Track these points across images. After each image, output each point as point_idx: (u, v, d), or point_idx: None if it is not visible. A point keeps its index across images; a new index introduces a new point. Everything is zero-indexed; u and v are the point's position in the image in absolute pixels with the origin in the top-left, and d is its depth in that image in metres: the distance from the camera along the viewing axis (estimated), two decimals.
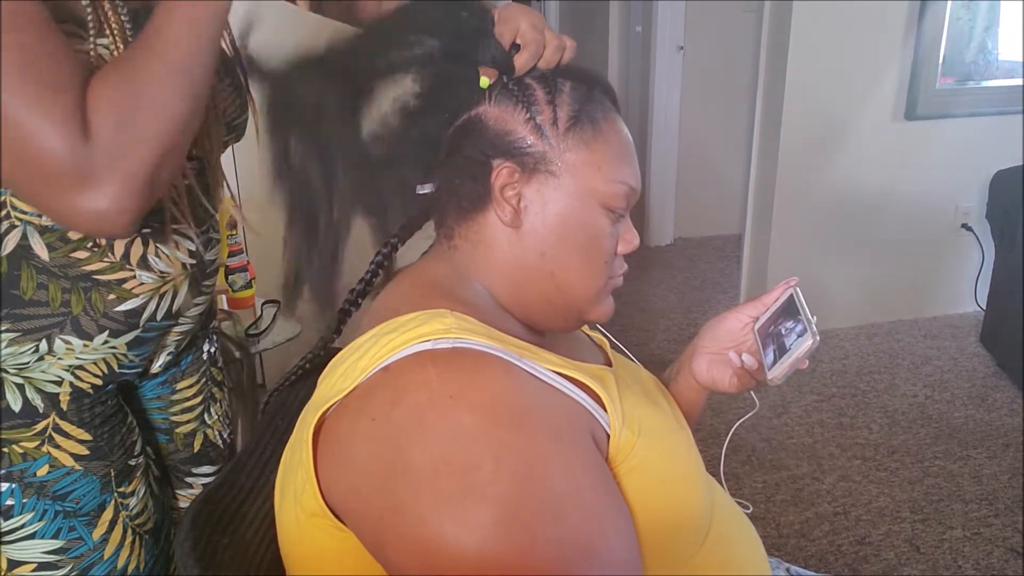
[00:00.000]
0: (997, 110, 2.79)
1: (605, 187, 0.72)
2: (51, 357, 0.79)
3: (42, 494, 0.81)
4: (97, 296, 0.79)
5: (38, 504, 0.81)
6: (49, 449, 0.81)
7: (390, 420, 0.59)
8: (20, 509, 0.80)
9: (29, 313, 0.77)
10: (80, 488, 0.83)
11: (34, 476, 0.80)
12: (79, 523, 0.83)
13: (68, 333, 0.79)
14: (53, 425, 0.81)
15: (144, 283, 0.82)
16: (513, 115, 0.72)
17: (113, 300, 0.80)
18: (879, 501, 2.03)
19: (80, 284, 0.78)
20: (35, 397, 0.80)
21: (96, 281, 0.79)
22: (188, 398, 1.00)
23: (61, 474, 0.82)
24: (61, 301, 0.78)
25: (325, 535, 0.63)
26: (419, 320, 0.65)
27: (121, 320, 0.82)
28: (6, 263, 0.75)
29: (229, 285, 1.77)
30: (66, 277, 0.78)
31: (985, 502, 2.01)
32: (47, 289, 0.77)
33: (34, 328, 0.78)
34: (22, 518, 0.80)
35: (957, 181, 2.88)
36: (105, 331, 0.81)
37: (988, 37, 2.72)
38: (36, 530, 0.81)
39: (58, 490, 0.82)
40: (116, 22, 0.73)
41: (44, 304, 0.77)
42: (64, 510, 0.82)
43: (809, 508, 2.01)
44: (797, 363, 0.76)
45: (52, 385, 0.81)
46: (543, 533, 0.55)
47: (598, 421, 0.65)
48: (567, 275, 0.73)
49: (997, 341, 2.69)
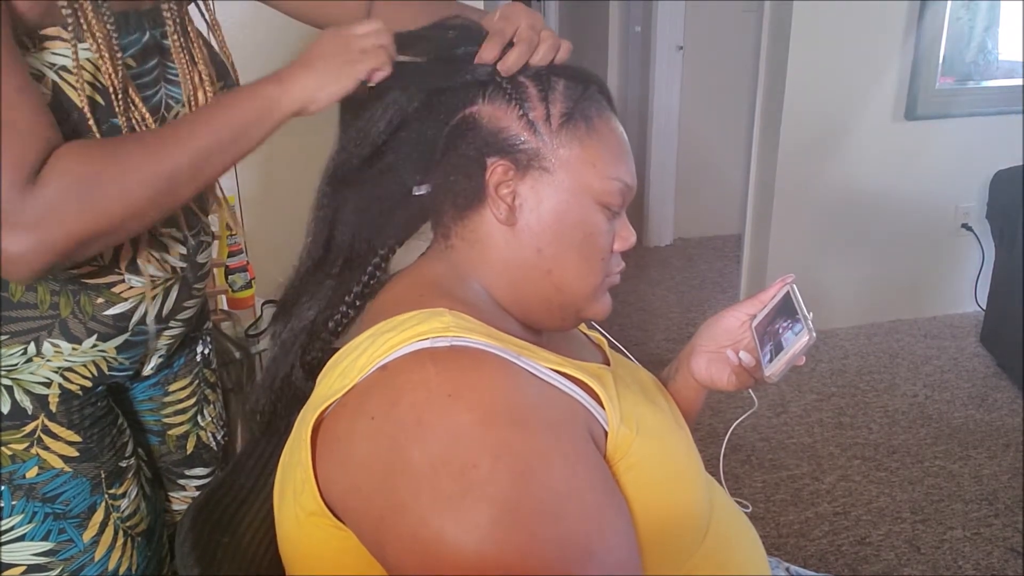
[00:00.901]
0: (997, 110, 2.78)
1: (600, 184, 0.72)
2: (39, 359, 0.79)
3: (32, 496, 0.81)
4: (86, 300, 0.79)
5: (28, 506, 0.80)
6: (38, 451, 0.80)
7: (389, 419, 0.59)
8: (10, 511, 0.80)
9: (17, 315, 0.77)
10: (70, 490, 0.83)
11: (23, 478, 0.80)
12: (69, 525, 0.83)
13: (56, 336, 0.79)
14: (42, 427, 0.81)
15: (133, 287, 0.81)
16: (506, 112, 0.72)
17: (102, 304, 0.80)
18: (879, 501, 2.03)
19: (68, 287, 0.78)
20: (24, 399, 0.79)
21: (84, 285, 0.79)
22: (181, 400, 0.99)
23: (50, 476, 0.81)
24: (50, 304, 0.78)
25: (324, 534, 0.63)
26: (417, 319, 0.65)
27: (110, 324, 0.81)
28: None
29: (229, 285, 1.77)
30: (55, 280, 0.77)
31: (985, 502, 2.01)
32: (36, 291, 0.77)
33: (22, 330, 0.77)
34: (11, 520, 0.80)
35: (957, 181, 2.88)
36: (94, 335, 0.81)
37: (988, 37, 2.72)
38: (26, 532, 0.81)
39: (48, 492, 0.81)
40: (100, 29, 0.72)
41: (32, 306, 0.77)
42: (54, 512, 0.82)
43: (809, 508, 2.01)
44: (794, 359, 0.76)
45: (41, 387, 0.80)
46: (542, 532, 0.55)
47: (596, 419, 0.65)
48: (564, 272, 0.73)
49: (997, 341, 2.69)
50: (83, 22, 0.71)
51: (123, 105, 0.75)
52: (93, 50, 0.72)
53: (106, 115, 0.74)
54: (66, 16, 0.70)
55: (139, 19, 0.78)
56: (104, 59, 0.72)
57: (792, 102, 2.70)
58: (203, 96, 0.85)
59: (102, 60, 0.72)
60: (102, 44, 0.72)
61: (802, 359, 0.77)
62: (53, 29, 0.70)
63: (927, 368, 2.69)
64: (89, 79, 0.72)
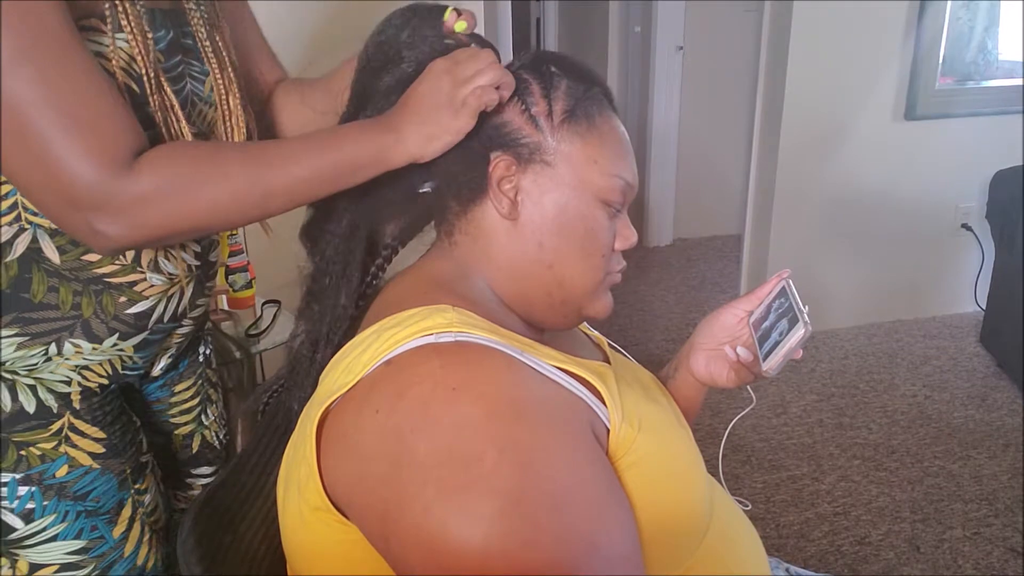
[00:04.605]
0: (997, 110, 2.79)
1: (601, 180, 0.73)
2: (59, 358, 0.79)
3: (63, 495, 0.81)
4: (108, 299, 0.79)
5: (59, 506, 0.80)
6: (67, 449, 0.81)
7: (395, 412, 0.59)
8: (41, 512, 0.80)
9: (39, 317, 0.77)
10: (100, 487, 0.83)
11: (53, 478, 0.80)
12: (100, 522, 0.83)
13: (78, 336, 0.79)
14: (68, 425, 0.81)
15: (154, 285, 0.82)
16: (509, 107, 0.73)
17: (124, 303, 0.80)
18: (879, 501, 2.03)
19: (92, 287, 0.78)
20: (48, 397, 0.80)
21: (108, 284, 0.79)
22: (186, 400, 1.00)
23: (80, 473, 0.81)
24: (72, 304, 0.78)
25: (329, 529, 0.64)
26: (421, 315, 0.65)
27: (131, 322, 0.82)
28: (16, 266, 0.75)
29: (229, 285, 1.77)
30: (77, 280, 0.77)
31: (985, 502, 2.01)
32: (58, 292, 0.77)
33: (43, 332, 0.77)
34: (43, 520, 0.80)
35: (957, 181, 2.88)
36: (115, 334, 0.81)
37: (988, 37, 2.72)
38: (58, 532, 0.81)
39: (78, 490, 0.81)
40: (135, 17, 0.73)
41: (54, 307, 0.77)
42: (85, 509, 0.82)
43: (809, 508, 2.01)
44: (791, 353, 0.77)
45: (62, 385, 0.81)
46: (547, 525, 0.56)
47: (598, 416, 0.66)
48: (565, 266, 0.74)
49: (997, 341, 2.69)
50: (121, 13, 0.73)
51: (155, 87, 0.76)
52: (130, 38, 0.73)
53: (140, 103, 0.75)
54: (106, 8, 0.72)
55: (163, 17, 0.79)
56: (138, 42, 0.74)
57: (792, 102, 2.70)
58: (234, 100, 0.87)
59: (137, 45, 0.74)
60: (137, 32, 0.73)
61: (799, 352, 0.78)
62: (88, 21, 0.71)
63: (927, 368, 2.70)
64: (123, 66, 0.74)
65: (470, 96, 0.70)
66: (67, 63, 0.65)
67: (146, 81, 0.75)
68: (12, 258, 0.75)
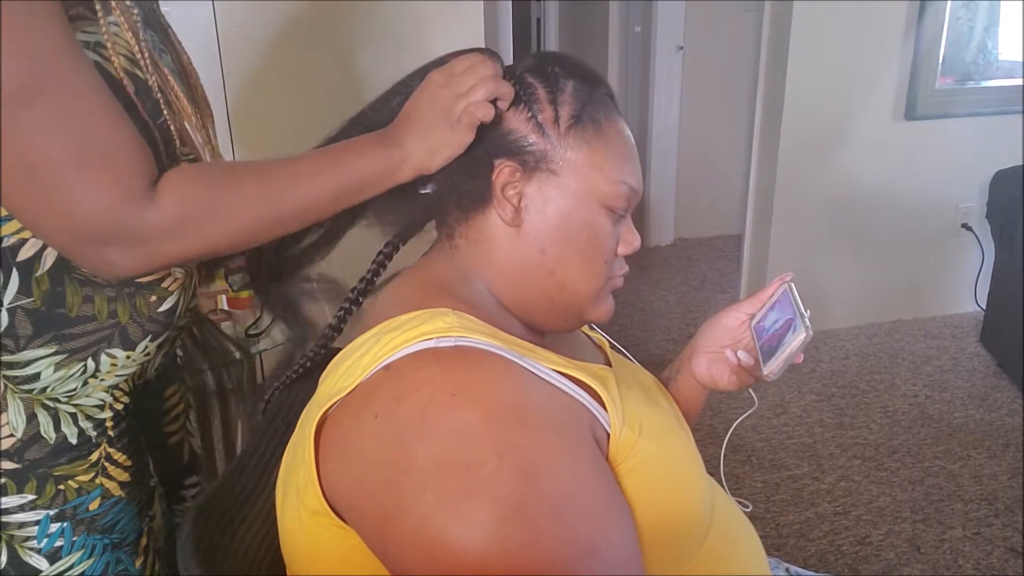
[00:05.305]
0: (997, 110, 2.79)
1: (606, 187, 0.72)
2: (95, 380, 0.77)
3: (92, 529, 0.79)
4: (141, 300, 0.78)
5: (88, 540, 0.78)
6: (102, 480, 0.79)
7: (394, 417, 0.59)
8: (69, 549, 0.77)
9: (77, 331, 0.75)
10: (124, 518, 0.81)
11: (87, 511, 0.78)
12: (123, 554, 0.82)
13: (115, 346, 0.77)
14: (104, 454, 0.79)
15: (177, 279, 0.81)
16: (514, 113, 0.72)
17: (155, 302, 0.79)
18: (879, 501, 2.03)
19: (124, 291, 0.77)
20: (87, 426, 0.78)
21: (139, 285, 0.78)
22: (175, 405, 0.98)
23: (110, 504, 0.80)
24: (108, 312, 0.76)
25: (327, 534, 0.63)
26: (421, 319, 0.65)
27: (161, 321, 0.80)
28: (48, 280, 0.72)
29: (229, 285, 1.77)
30: (110, 286, 0.76)
31: (985, 502, 2.01)
32: (93, 302, 0.75)
33: (82, 347, 0.75)
34: (70, 558, 0.78)
35: (957, 181, 2.88)
36: (147, 336, 0.80)
37: (988, 37, 2.72)
38: (85, 569, 0.79)
39: (106, 523, 0.80)
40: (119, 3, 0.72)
41: (91, 319, 0.75)
42: (112, 542, 0.80)
43: (809, 508, 2.01)
44: (791, 357, 0.77)
45: (97, 410, 0.79)
46: (547, 530, 0.55)
47: (599, 420, 0.66)
48: (567, 274, 0.73)
49: (997, 341, 2.69)
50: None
51: (151, 66, 0.75)
52: (120, 21, 0.72)
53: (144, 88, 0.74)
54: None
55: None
56: (130, 22, 0.73)
57: (792, 102, 2.70)
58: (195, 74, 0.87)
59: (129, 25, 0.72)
60: (124, 12, 0.72)
61: (800, 356, 0.77)
62: (75, 10, 0.69)
63: (927, 368, 2.69)
64: (123, 51, 0.72)
65: (463, 113, 0.69)
66: (79, 94, 0.63)
67: (141, 61, 0.74)
68: (42, 272, 0.72)
